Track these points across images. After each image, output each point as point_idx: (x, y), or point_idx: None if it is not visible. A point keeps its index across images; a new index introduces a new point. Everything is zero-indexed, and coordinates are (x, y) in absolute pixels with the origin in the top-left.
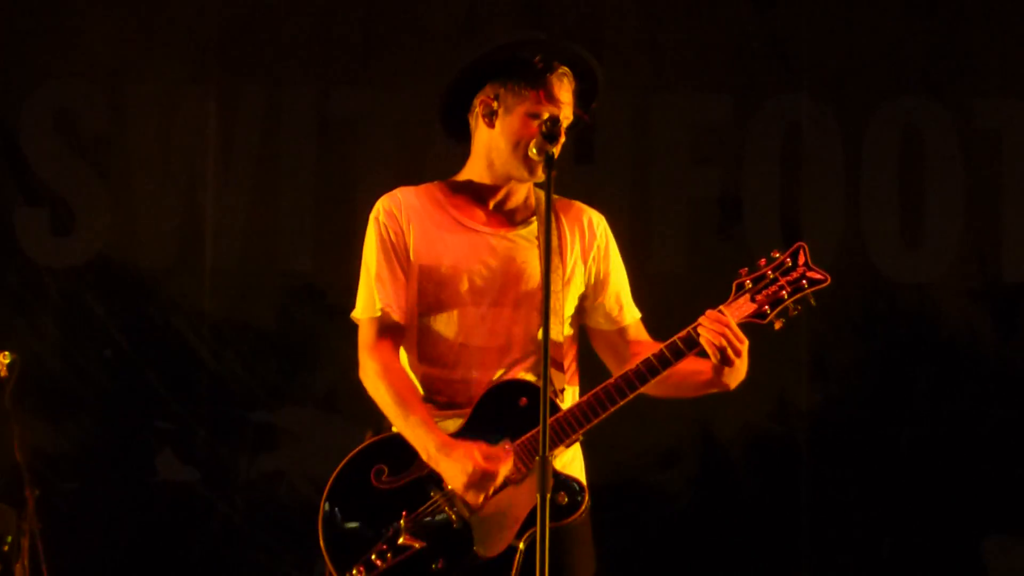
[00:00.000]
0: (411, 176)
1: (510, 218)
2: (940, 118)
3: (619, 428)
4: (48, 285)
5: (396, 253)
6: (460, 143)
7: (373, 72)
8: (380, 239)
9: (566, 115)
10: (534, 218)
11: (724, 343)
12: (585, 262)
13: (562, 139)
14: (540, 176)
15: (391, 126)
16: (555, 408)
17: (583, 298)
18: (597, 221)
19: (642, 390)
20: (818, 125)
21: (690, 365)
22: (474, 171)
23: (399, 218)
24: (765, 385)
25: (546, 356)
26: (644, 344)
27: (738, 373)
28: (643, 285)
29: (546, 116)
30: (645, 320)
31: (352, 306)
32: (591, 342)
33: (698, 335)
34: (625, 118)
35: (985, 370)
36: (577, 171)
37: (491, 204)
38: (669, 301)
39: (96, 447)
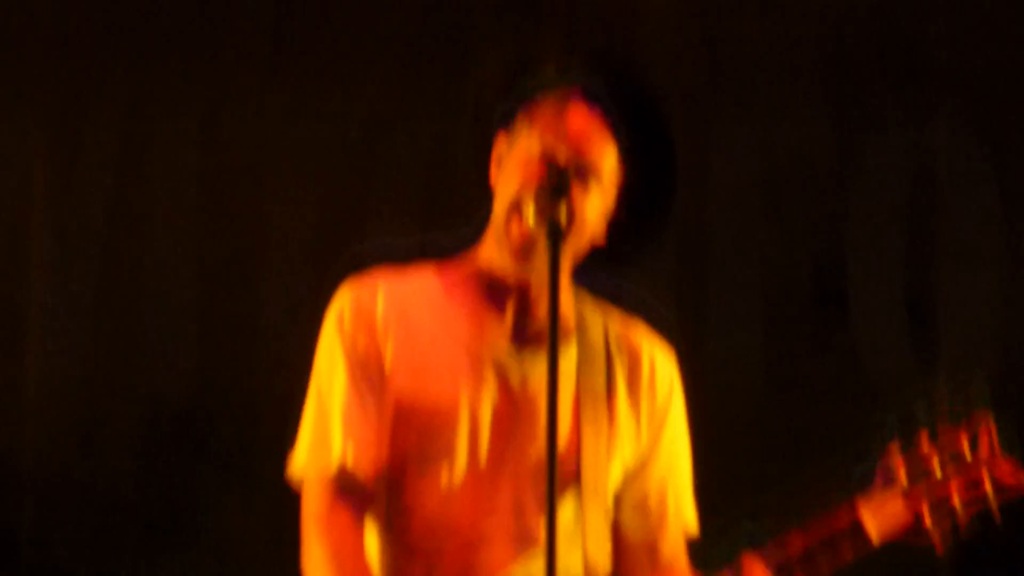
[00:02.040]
0: (350, 238)
1: (535, 334)
2: None
3: None
4: None
5: (369, 378)
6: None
7: (285, 89)
8: (346, 354)
9: (588, 162)
10: (573, 341)
11: None
12: (638, 423)
13: (582, 197)
14: (538, 257)
15: (313, 170)
16: None
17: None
18: (664, 370)
19: None
20: (960, 163)
21: None
22: (488, 254)
23: (374, 332)
24: None
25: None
26: None
27: None
28: (694, 420)
29: (562, 151)
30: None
31: (280, 454)
32: None
33: None
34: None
35: None
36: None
37: (508, 309)
38: (731, 450)
39: None
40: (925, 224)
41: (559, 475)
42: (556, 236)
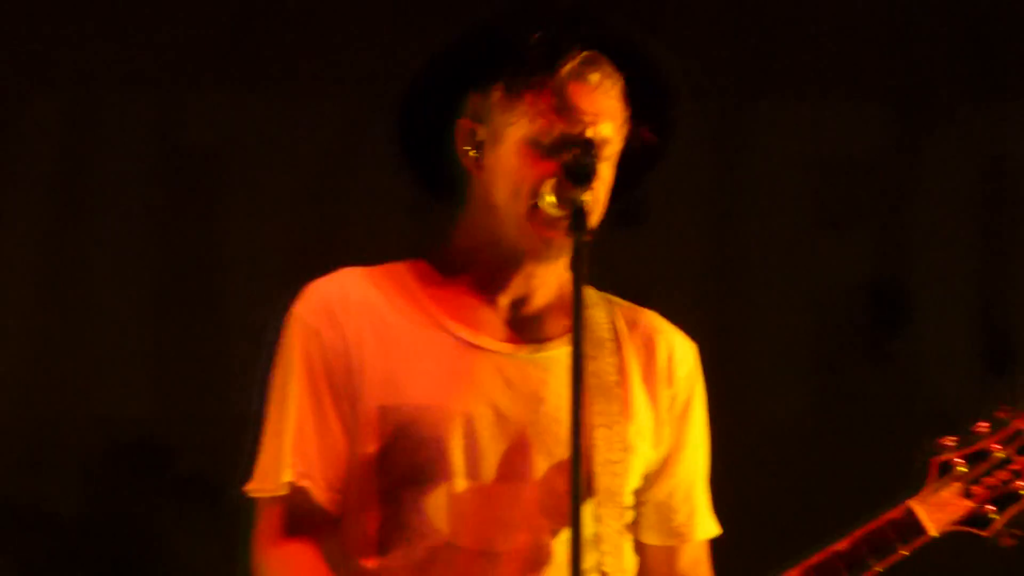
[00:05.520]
0: (319, 250)
1: (536, 328)
2: None
3: None
4: None
5: (335, 389)
6: (450, 203)
7: (249, 74)
8: (307, 364)
9: (602, 135)
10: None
11: None
12: (658, 415)
13: (600, 178)
14: (561, 248)
15: (286, 162)
16: None
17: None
18: (683, 354)
19: None
20: None
21: None
22: (471, 242)
23: (340, 326)
24: None
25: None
26: None
27: None
28: (733, 439)
29: (558, 134)
30: (727, 511)
31: (242, 479)
32: None
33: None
34: (704, 144)
35: None
36: (618, 239)
37: (502, 301)
38: (779, 472)
39: None
40: (995, 219)
41: (567, 479)
42: (581, 224)
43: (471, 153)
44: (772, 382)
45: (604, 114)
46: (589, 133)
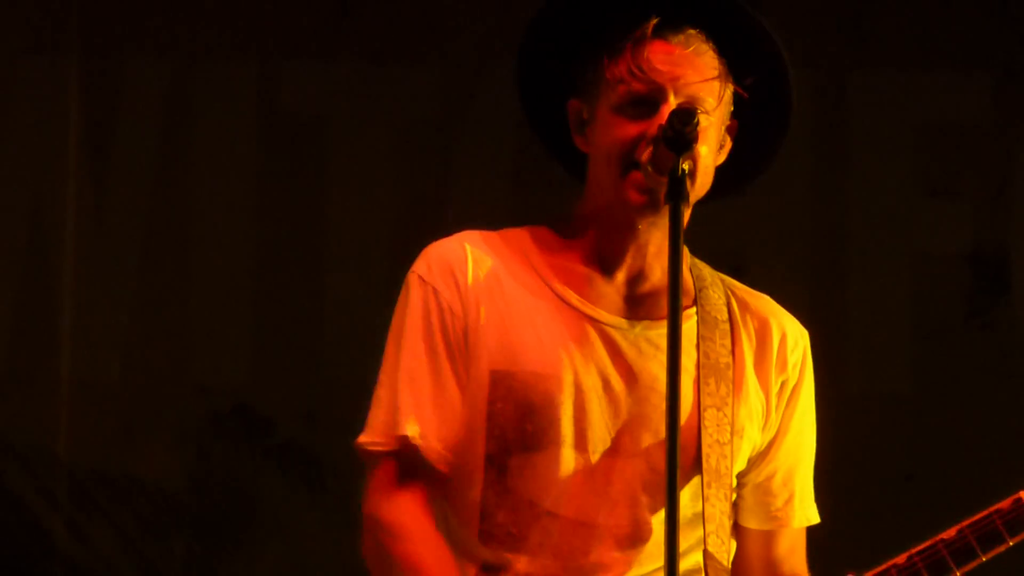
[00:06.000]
0: (427, 216)
1: (651, 305)
2: None
3: None
4: None
5: (450, 349)
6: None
7: (351, 42)
8: (425, 321)
9: (687, 93)
10: (693, 311)
11: None
12: (767, 400)
13: (702, 145)
14: (656, 217)
15: (388, 130)
16: None
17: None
18: (795, 340)
19: None
20: None
21: None
22: (588, 214)
23: (461, 288)
24: None
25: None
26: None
27: None
28: (832, 417)
29: (641, 90)
30: (827, 494)
31: (354, 429)
32: None
33: None
34: (806, 113)
35: None
36: (718, 207)
37: (619, 276)
38: (882, 450)
39: None
40: None
41: (679, 460)
42: (678, 193)
43: (580, 132)
44: (874, 352)
45: (688, 74)
46: (670, 91)
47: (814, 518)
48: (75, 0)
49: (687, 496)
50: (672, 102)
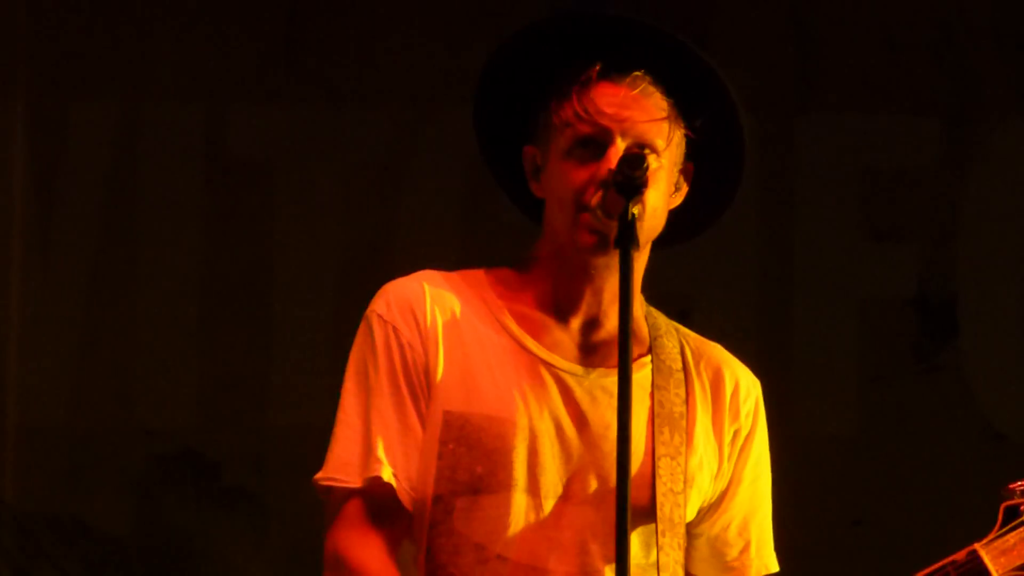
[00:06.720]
0: (374, 258)
1: (607, 352)
2: None
3: None
4: None
5: (412, 388)
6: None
7: (296, 86)
8: (388, 360)
9: (634, 135)
10: (648, 359)
11: None
12: (720, 449)
13: (652, 189)
14: (609, 259)
15: (334, 173)
16: None
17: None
18: (747, 389)
19: None
20: None
21: None
22: (544, 259)
23: (421, 327)
24: None
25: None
26: None
27: None
28: (779, 461)
29: (588, 132)
30: (774, 538)
31: (301, 473)
32: None
33: None
34: (753, 156)
35: None
36: (664, 252)
37: (575, 323)
38: (829, 494)
39: None
40: None
41: (631, 506)
42: (628, 237)
43: (535, 177)
44: (821, 396)
45: (634, 115)
46: (616, 133)
47: (773, 567)
48: (21, 42)
49: (638, 545)
50: (619, 144)
